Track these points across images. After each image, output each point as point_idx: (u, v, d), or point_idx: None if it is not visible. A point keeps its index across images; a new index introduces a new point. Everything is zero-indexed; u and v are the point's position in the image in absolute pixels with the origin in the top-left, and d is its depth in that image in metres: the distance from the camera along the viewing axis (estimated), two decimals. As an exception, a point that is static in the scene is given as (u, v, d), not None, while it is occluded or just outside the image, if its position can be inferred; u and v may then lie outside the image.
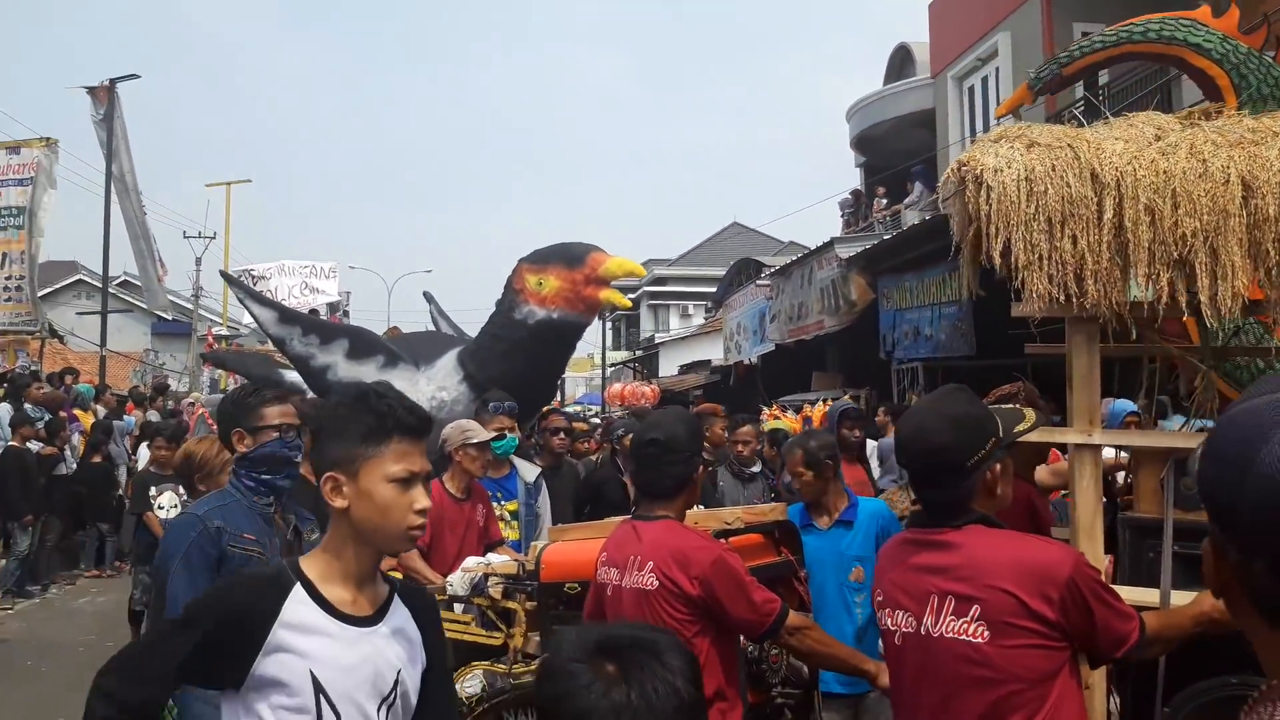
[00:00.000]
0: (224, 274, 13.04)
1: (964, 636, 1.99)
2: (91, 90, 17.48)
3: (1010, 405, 2.76)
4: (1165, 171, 3.01)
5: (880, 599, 2.22)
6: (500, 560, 4.12)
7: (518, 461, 5.14)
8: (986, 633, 1.97)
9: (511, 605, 3.74)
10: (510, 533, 4.84)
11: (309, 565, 1.74)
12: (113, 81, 17.56)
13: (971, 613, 1.98)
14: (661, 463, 2.66)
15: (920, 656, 2.08)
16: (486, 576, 3.89)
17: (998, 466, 2.12)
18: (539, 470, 5.30)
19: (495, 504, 4.83)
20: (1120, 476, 4.74)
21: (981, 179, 3.04)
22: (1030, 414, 2.28)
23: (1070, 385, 3.20)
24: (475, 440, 4.52)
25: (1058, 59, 4.50)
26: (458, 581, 3.91)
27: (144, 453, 8.85)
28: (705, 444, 5.71)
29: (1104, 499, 3.37)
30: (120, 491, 10.58)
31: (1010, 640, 1.95)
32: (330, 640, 1.67)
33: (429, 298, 8.65)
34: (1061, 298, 3.01)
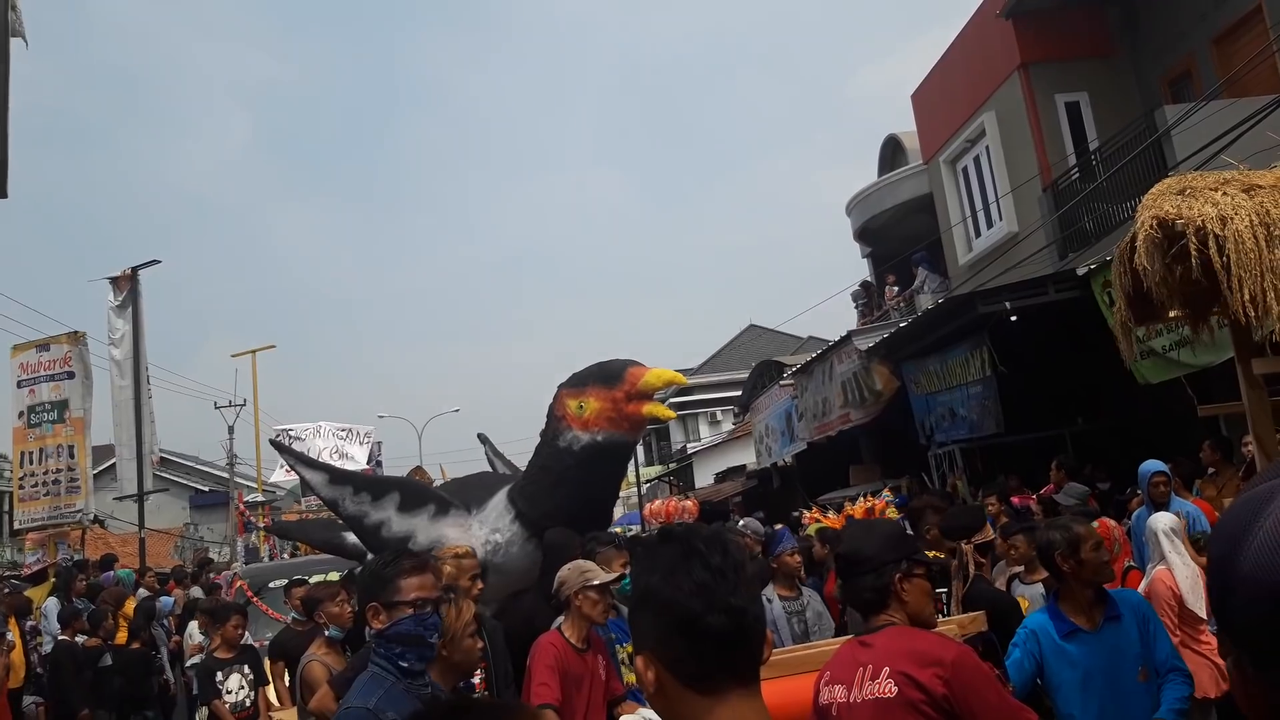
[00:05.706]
0: (274, 443, 13.08)
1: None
2: (114, 280, 18.00)
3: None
4: None
5: None
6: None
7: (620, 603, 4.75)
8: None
9: None
10: (632, 677, 4.40)
11: None
12: (135, 269, 18.04)
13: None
14: (853, 576, 2.60)
15: None
16: None
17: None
18: None
19: (619, 647, 4.42)
20: None
21: (1205, 230, 2.75)
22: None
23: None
24: (596, 582, 3.97)
25: None
26: None
27: (193, 630, 8.67)
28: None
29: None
30: (165, 675, 10.41)
31: None
32: None
33: (483, 439, 8.46)
34: None
